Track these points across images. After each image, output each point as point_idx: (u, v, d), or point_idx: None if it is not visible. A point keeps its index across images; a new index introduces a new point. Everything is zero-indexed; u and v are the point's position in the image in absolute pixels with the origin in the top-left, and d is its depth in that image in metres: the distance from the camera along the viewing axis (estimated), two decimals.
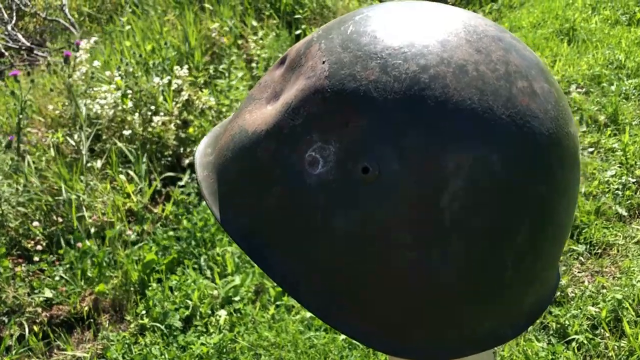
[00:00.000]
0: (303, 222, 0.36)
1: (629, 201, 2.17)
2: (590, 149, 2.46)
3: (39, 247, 2.13)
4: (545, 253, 0.39)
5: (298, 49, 0.40)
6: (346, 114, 0.35)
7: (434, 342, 0.38)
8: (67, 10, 4.38)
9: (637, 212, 2.15)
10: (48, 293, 1.99)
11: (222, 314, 1.93)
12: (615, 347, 1.66)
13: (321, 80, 0.36)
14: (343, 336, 1.78)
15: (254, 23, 3.42)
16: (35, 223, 2.15)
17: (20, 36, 4.29)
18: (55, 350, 1.88)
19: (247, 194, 0.38)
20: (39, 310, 1.96)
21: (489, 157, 0.34)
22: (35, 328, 1.91)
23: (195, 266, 2.12)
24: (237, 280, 2.01)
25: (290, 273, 0.37)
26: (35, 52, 4.10)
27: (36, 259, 2.09)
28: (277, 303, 1.95)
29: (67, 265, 2.08)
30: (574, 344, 1.69)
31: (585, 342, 1.68)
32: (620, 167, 2.33)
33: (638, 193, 2.21)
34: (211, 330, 1.88)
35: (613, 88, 2.80)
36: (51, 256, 2.13)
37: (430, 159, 0.34)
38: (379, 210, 0.34)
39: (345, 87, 0.35)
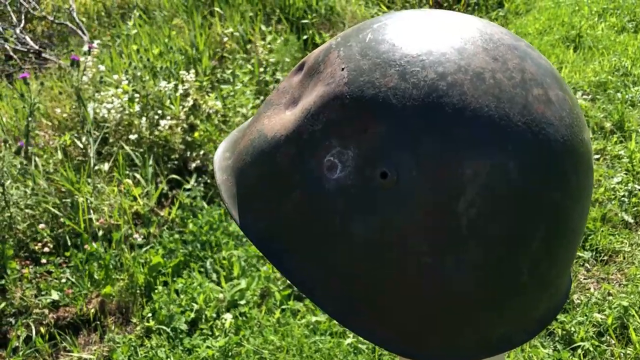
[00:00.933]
0: (321, 227, 0.37)
1: (635, 208, 2.17)
2: (597, 156, 2.46)
3: (46, 249, 2.14)
4: (560, 259, 0.39)
5: (316, 56, 0.40)
6: (365, 120, 0.35)
7: (449, 349, 0.38)
8: (75, 14, 4.41)
9: None
10: (55, 295, 2.00)
11: (228, 317, 1.93)
12: (622, 354, 1.66)
13: (340, 87, 0.37)
14: (348, 340, 1.78)
15: (263, 27, 3.44)
16: (42, 225, 2.16)
17: (28, 39, 4.31)
18: (62, 352, 1.88)
19: (266, 198, 0.39)
20: (46, 311, 1.96)
21: (506, 164, 0.35)
22: (42, 330, 1.92)
23: (202, 269, 2.12)
24: (243, 283, 2.02)
25: (308, 278, 0.38)
26: (43, 55, 4.12)
27: (43, 261, 2.10)
28: (283, 307, 1.95)
29: (74, 268, 2.09)
30: (579, 350, 1.69)
31: (591, 349, 1.68)
32: (626, 174, 2.33)
33: None
34: (217, 334, 1.89)
35: (619, 95, 2.80)
36: (58, 258, 2.14)
37: (447, 166, 0.34)
38: (396, 216, 0.35)
39: (364, 93, 0.36)
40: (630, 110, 2.71)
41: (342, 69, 0.37)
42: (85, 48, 2.73)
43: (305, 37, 3.50)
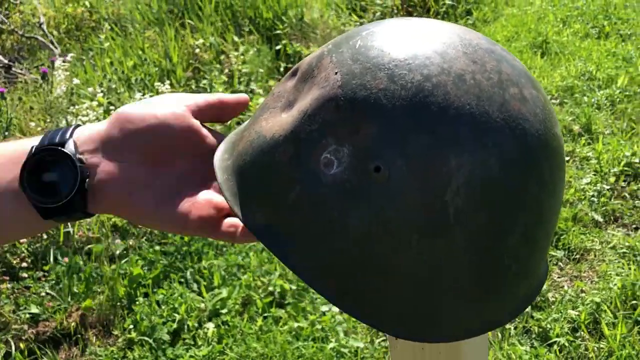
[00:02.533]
0: (320, 220, 0.39)
1: (604, 207, 2.24)
2: (566, 158, 2.53)
3: (24, 264, 2.12)
4: (538, 246, 0.43)
5: (309, 62, 0.43)
6: (358, 120, 0.38)
7: (437, 330, 0.41)
8: (45, 28, 4.38)
9: (612, 218, 2.22)
10: (34, 309, 1.98)
11: (210, 326, 1.94)
12: (595, 348, 1.72)
13: (335, 90, 0.39)
14: (331, 345, 1.80)
15: (235, 39, 3.46)
16: (22, 239, 2.14)
17: None
18: None
19: (266, 195, 0.41)
20: (25, 327, 1.95)
21: (486, 155, 0.38)
22: (22, 345, 1.90)
23: (182, 280, 2.13)
24: (224, 292, 2.03)
25: (311, 269, 0.40)
26: (13, 69, 4.08)
27: (23, 275, 2.09)
28: (265, 314, 1.97)
29: (53, 281, 2.08)
30: (555, 346, 1.74)
31: (567, 344, 1.73)
32: (595, 174, 2.41)
33: (613, 199, 2.28)
34: (199, 343, 1.89)
35: (585, 99, 2.90)
36: (37, 272, 2.12)
37: (434, 159, 0.37)
38: (389, 208, 0.38)
39: (357, 95, 0.39)
40: (597, 113, 2.80)
41: (336, 73, 0.40)
42: (59, 62, 2.72)
43: (277, 47, 3.53)
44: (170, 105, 0.48)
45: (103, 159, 0.46)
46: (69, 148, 0.45)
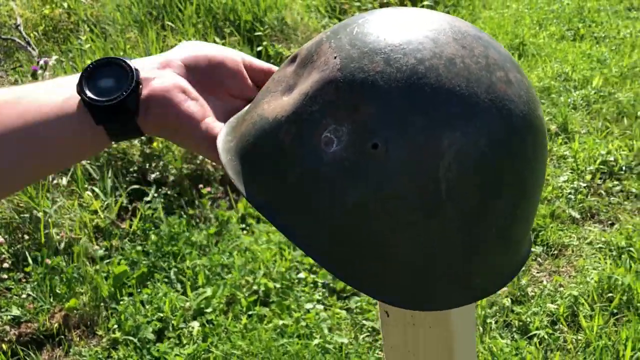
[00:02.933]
0: (320, 196, 0.42)
1: (581, 204, 2.29)
2: None
3: (5, 265, 2.11)
4: (524, 220, 0.45)
5: (308, 48, 0.45)
6: (356, 100, 0.41)
7: (430, 298, 0.44)
8: (22, 29, 4.34)
9: (589, 214, 2.27)
10: (15, 311, 1.97)
11: (195, 325, 1.95)
12: (574, 340, 1.76)
13: (334, 73, 0.42)
14: (316, 341, 1.82)
15: (217, 40, 3.47)
16: (1, 240, 2.13)
17: None
18: None
19: (270, 174, 0.44)
20: (7, 328, 1.93)
21: (475, 135, 0.40)
22: (4, 346, 1.89)
23: (166, 279, 2.13)
24: (209, 292, 2.04)
25: (314, 242, 0.43)
26: None
27: (4, 276, 2.07)
28: (250, 313, 1.98)
29: (35, 283, 2.07)
30: (535, 339, 1.78)
31: (546, 336, 1.77)
32: (571, 172, 2.46)
33: (589, 197, 2.34)
34: (184, 342, 1.90)
35: (562, 99, 2.96)
36: (18, 274, 2.11)
37: (428, 139, 0.40)
38: (386, 184, 0.40)
39: (355, 77, 0.41)
40: (573, 113, 2.86)
41: (335, 57, 0.42)
42: (42, 61, 2.70)
43: (259, 48, 3.55)
44: (232, 51, 0.55)
45: (159, 73, 0.50)
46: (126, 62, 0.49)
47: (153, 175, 2.56)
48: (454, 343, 0.53)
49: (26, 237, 2.17)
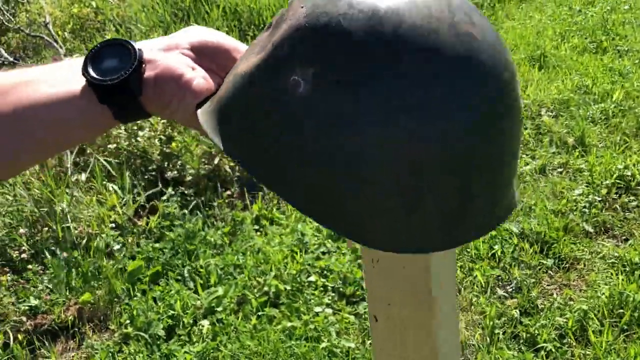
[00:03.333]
0: (294, 140, 0.44)
1: (595, 218, 2.28)
2: (560, 169, 2.58)
3: (24, 256, 2.16)
4: (504, 176, 0.48)
5: (282, 10, 0.49)
6: (321, 41, 0.43)
7: (423, 243, 0.46)
8: (51, 27, 4.43)
9: (602, 229, 2.26)
10: (33, 301, 2.02)
11: (205, 323, 1.98)
12: (581, 354, 1.75)
13: (300, 20, 0.44)
14: (323, 345, 1.84)
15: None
16: (22, 230, 2.18)
17: (2, 51, 4.31)
18: (40, 359, 1.90)
19: (245, 126, 0.46)
20: (24, 318, 1.98)
21: (439, 65, 0.42)
22: (20, 336, 1.94)
23: (179, 277, 2.17)
24: (220, 291, 2.07)
25: (284, 184, 0.45)
26: (18, 67, 4.12)
27: (23, 268, 2.12)
28: (259, 313, 2.00)
29: (52, 275, 2.12)
30: (542, 352, 1.78)
31: (554, 350, 1.77)
32: (587, 186, 2.45)
33: (604, 211, 2.32)
34: (194, 340, 1.93)
35: (580, 112, 2.94)
36: (37, 266, 2.16)
37: (391, 69, 0.42)
38: (355, 123, 0.42)
39: (320, 20, 0.43)
40: (591, 127, 2.84)
41: (302, 7, 0.45)
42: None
43: None
44: (236, 41, 0.57)
45: (165, 54, 0.52)
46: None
47: (171, 174, 2.61)
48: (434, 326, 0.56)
49: (45, 230, 2.22)
